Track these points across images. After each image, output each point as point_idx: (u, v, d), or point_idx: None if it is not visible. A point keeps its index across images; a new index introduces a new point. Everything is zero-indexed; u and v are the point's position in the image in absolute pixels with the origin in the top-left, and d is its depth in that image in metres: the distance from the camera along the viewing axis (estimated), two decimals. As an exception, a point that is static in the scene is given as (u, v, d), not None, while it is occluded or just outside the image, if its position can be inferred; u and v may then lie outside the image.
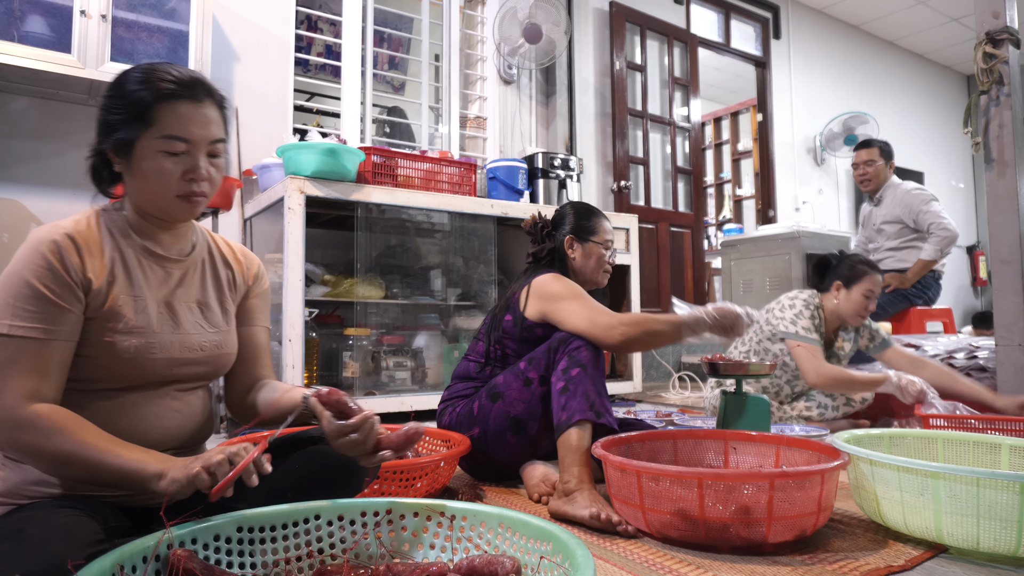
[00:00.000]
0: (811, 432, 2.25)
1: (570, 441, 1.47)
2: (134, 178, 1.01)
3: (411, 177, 2.95)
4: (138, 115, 0.97)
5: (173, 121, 0.98)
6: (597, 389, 1.52)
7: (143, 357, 0.99)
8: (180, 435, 1.06)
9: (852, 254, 2.54)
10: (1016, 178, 2.15)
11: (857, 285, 2.38)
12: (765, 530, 1.16)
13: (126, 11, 2.56)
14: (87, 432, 0.88)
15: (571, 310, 1.63)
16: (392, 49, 4.18)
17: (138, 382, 1.00)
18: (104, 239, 1.01)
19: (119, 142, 0.99)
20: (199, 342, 1.07)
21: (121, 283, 1.00)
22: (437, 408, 1.86)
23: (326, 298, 2.84)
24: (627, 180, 4.35)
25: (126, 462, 0.86)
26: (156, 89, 0.97)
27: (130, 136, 0.97)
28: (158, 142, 0.97)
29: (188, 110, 0.99)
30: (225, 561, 0.88)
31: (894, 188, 3.44)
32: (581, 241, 1.85)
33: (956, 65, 7.25)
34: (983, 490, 1.09)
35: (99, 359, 0.97)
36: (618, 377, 3.54)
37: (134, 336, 0.98)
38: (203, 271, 1.13)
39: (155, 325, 1.01)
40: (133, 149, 0.98)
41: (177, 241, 1.09)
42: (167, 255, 1.07)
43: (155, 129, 0.97)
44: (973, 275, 7.24)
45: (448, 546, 0.96)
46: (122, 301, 0.99)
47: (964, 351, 2.54)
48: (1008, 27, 2.16)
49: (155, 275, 1.05)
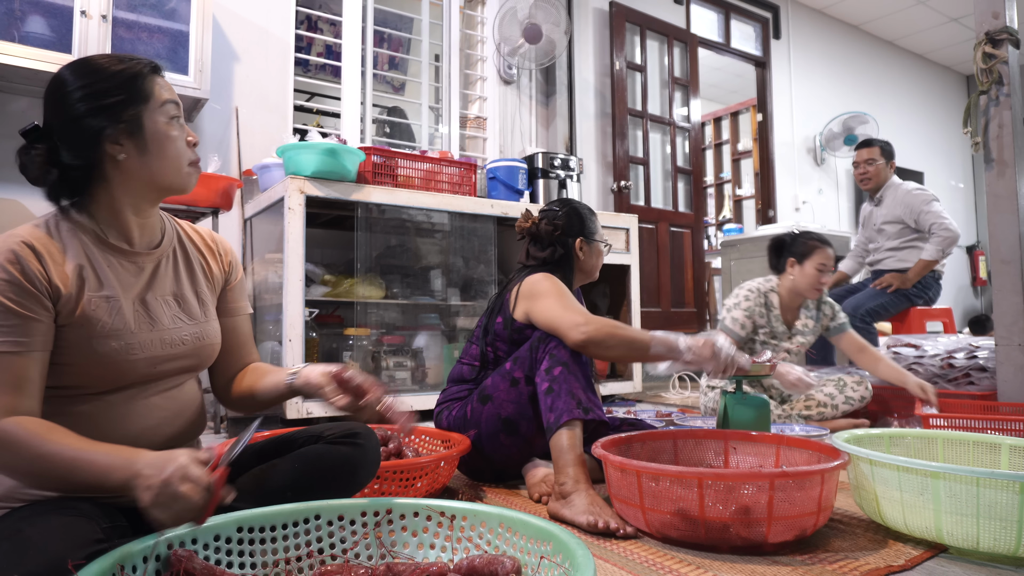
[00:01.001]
0: (811, 432, 2.25)
1: (561, 442, 1.46)
2: (148, 155, 0.98)
3: (411, 177, 2.95)
4: (137, 91, 0.97)
5: (163, 90, 1.00)
6: (582, 384, 1.51)
7: (123, 359, 0.97)
8: (170, 432, 1.05)
9: (804, 232, 2.62)
10: (1016, 178, 2.15)
11: (809, 259, 2.46)
12: (765, 530, 1.16)
13: (126, 11, 2.56)
14: (56, 438, 0.84)
15: (545, 306, 1.63)
16: (392, 49, 4.18)
17: (121, 384, 0.98)
18: (67, 243, 0.97)
19: (127, 124, 0.96)
20: (179, 336, 1.05)
21: (91, 286, 0.96)
22: (434, 410, 1.86)
23: (326, 298, 2.84)
24: (627, 180, 4.35)
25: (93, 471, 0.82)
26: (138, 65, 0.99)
27: (136, 112, 0.97)
28: (161, 112, 0.99)
29: (164, 80, 1.02)
30: (225, 561, 0.88)
31: (895, 188, 3.44)
32: (589, 242, 1.88)
33: (956, 65, 7.25)
34: (983, 490, 1.09)
35: (78, 365, 0.94)
36: (618, 377, 3.54)
37: (112, 339, 0.96)
38: (175, 261, 1.10)
39: (132, 325, 0.99)
40: (143, 127, 0.97)
41: (146, 233, 1.06)
42: (136, 250, 1.04)
43: (155, 100, 0.98)
44: (973, 275, 7.24)
45: (448, 546, 0.96)
46: (95, 305, 0.96)
47: (964, 351, 2.54)
48: (1008, 27, 2.16)
49: (126, 273, 1.02)
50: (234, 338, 1.18)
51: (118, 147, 0.97)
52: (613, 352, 1.52)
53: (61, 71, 0.97)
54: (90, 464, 0.82)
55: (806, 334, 2.60)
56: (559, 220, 1.85)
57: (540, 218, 1.88)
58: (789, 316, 2.59)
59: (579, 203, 1.92)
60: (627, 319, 3.55)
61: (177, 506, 0.75)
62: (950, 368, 2.53)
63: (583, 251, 1.87)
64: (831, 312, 2.63)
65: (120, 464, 0.81)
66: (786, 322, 2.58)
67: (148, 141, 0.98)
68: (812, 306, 2.62)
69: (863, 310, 3.19)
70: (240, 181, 2.87)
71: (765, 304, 2.54)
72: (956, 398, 2.34)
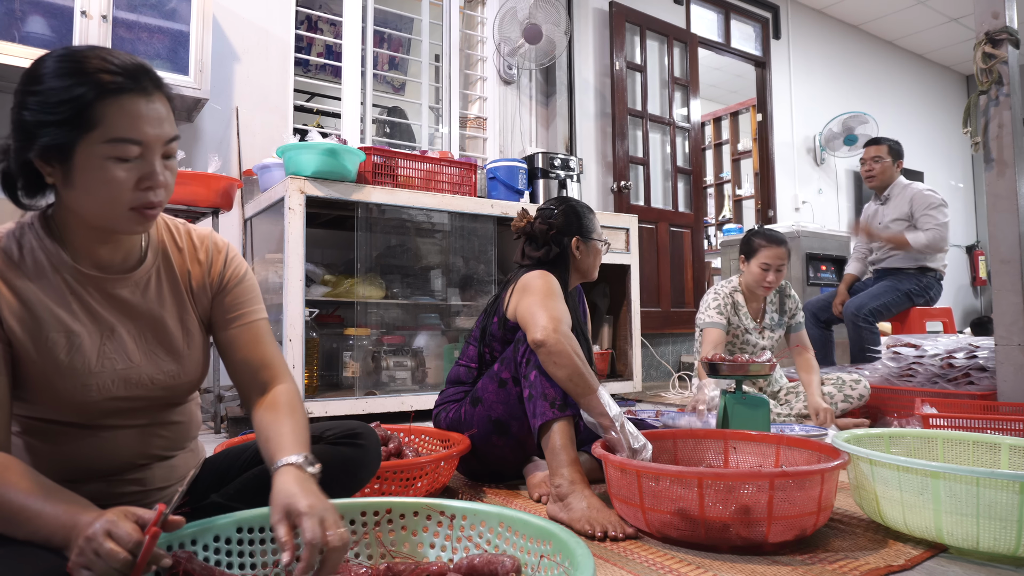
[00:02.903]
0: (811, 432, 2.25)
1: (551, 445, 1.45)
2: (74, 190, 0.83)
3: (411, 177, 2.95)
4: (76, 115, 0.79)
5: (122, 121, 0.81)
6: (552, 382, 1.48)
7: (79, 400, 0.89)
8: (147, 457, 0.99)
9: (756, 230, 2.70)
10: (1015, 178, 2.15)
11: (754, 258, 2.55)
12: (765, 530, 1.16)
13: (127, 11, 2.56)
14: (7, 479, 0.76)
15: (527, 302, 1.59)
16: (392, 49, 4.19)
17: (90, 421, 0.92)
18: (30, 266, 0.87)
19: (50, 149, 0.81)
20: (148, 375, 0.94)
21: (49, 323, 0.87)
22: (432, 411, 1.86)
23: (326, 298, 2.84)
24: (627, 180, 4.35)
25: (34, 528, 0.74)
26: (96, 82, 0.80)
27: (66, 141, 0.80)
28: (105, 147, 0.80)
29: (138, 106, 0.82)
30: (225, 561, 0.88)
31: (903, 187, 3.44)
32: (586, 241, 1.85)
33: (956, 65, 7.25)
34: (983, 490, 1.09)
35: (37, 400, 0.89)
36: (618, 377, 3.54)
37: (67, 379, 0.88)
38: (158, 283, 0.97)
39: (93, 364, 0.89)
40: (72, 157, 0.81)
41: (119, 254, 0.93)
42: (107, 274, 0.92)
43: (100, 131, 0.80)
44: (973, 275, 7.24)
45: (448, 546, 0.96)
46: (52, 343, 0.87)
47: (964, 351, 2.54)
48: (1007, 27, 2.16)
49: (93, 302, 0.91)
50: (237, 353, 1.01)
51: (47, 168, 0.83)
52: (559, 371, 1.45)
53: (46, 58, 0.83)
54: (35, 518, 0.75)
55: (774, 328, 2.68)
56: (554, 219, 1.83)
57: (535, 217, 1.85)
58: (755, 312, 2.67)
59: (576, 201, 1.89)
60: (627, 319, 3.55)
61: (100, 565, 0.69)
62: (950, 368, 2.53)
63: (580, 250, 1.84)
64: (793, 308, 2.71)
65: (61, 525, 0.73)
66: (754, 318, 2.66)
67: (75, 174, 0.82)
68: (776, 301, 2.71)
69: (866, 310, 3.20)
70: (240, 181, 2.87)
71: (732, 304, 2.63)
72: (956, 398, 2.34)
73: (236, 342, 1.02)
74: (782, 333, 2.71)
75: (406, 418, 2.59)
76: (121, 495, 0.96)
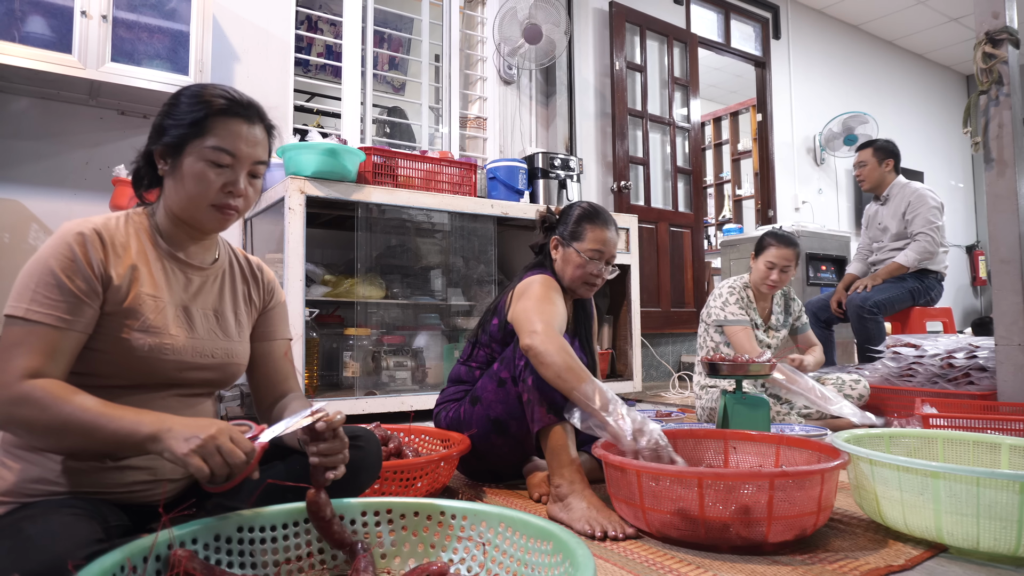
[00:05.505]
0: (811, 432, 2.25)
1: (549, 445, 1.45)
2: (175, 181, 1.04)
3: (411, 177, 2.95)
4: (193, 123, 1.02)
5: (224, 135, 1.03)
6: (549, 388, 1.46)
7: (155, 357, 1.00)
8: None
9: (770, 231, 2.72)
10: (1015, 178, 2.15)
11: (762, 255, 2.58)
12: (765, 530, 1.16)
13: (127, 11, 2.56)
14: (80, 397, 0.88)
15: (521, 306, 1.57)
16: (392, 49, 4.19)
17: (146, 381, 1.01)
18: (131, 239, 1.04)
19: (170, 144, 1.03)
20: (211, 348, 1.09)
21: (143, 283, 1.02)
22: (433, 410, 1.86)
23: (326, 298, 2.84)
24: (627, 180, 4.35)
25: (120, 424, 0.86)
26: (213, 103, 1.04)
27: (181, 141, 1.02)
28: (207, 151, 1.02)
29: (240, 128, 1.04)
30: (225, 561, 0.88)
31: (902, 187, 3.44)
32: (564, 245, 1.73)
33: (956, 65, 7.25)
34: (983, 490, 1.09)
35: (111, 354, 0.98)
36: (618, 377, 3.54)
37: (150, 335, 1.00)
38: (222, 282, 1.16)
39: (171, 327, 1.03)
40: (182, 152, 1.03)
41: (201, 251, 1.13)
42: (190, 262, 1.10)
43: (206, 139, 1.02)
44: (973, 275, 7.24)
45: (448, 546, 0.96)
46: (142, 300, 1.01)
47: (964, 351, 2.54)
48: (1007, 27, 2.16)
49: (176, 280, 1.08)
50: (268, 364, 1.22)
51: (162, 161, 1.06)
52: (547, 371, 1.42)
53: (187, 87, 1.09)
54: (115, 420, 0.86)
55: (779, 328, 2.69)
56: (550, 215, 1.80)
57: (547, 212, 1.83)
58: (763, 311, 2.68)
59: (588, 204, 1.78)
60: (627, 319, 3.55)
61: (217, 459, 0.82)
62: (950, 368, 2.53)
63: (557, 252, 1.74)
64: (798, 311, 2.74)
65: (149, 420, 0.87)
66: (762, 316, 2.67)
67: (179, 169, 1.03)
68: (782, 303, 2.72)
69: (871, 302, 3.20)
70: (240, 181, 2.86)
71: (746, 299, 2.64)
72: (956, 398, 2.34)
73: (266, 355, 1.22)
74: (786, 333, 2.72)
75: (406, 418, 2.58)
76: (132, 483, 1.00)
